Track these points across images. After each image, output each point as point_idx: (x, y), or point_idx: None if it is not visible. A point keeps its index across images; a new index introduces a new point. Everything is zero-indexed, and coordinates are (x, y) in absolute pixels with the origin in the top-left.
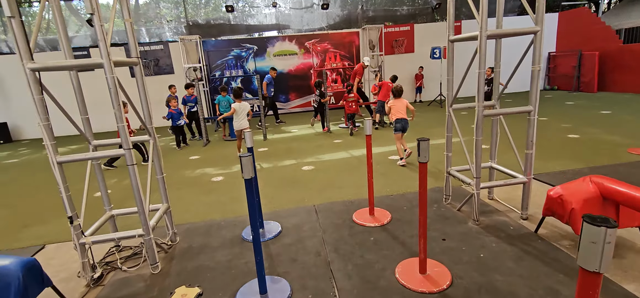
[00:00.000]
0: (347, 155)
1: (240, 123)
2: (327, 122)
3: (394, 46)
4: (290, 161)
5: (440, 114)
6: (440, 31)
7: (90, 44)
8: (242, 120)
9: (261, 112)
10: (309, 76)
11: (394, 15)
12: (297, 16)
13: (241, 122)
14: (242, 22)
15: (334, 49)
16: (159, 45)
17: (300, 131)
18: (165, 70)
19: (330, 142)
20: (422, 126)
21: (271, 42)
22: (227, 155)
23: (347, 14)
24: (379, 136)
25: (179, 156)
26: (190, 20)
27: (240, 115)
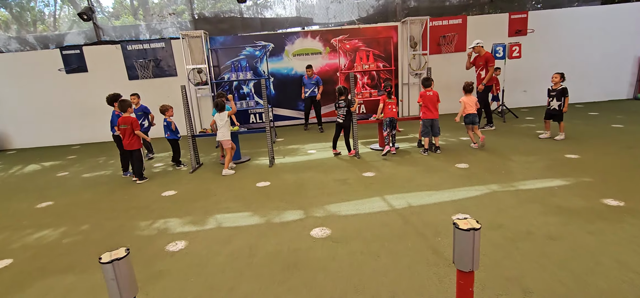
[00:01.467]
0: (385, 205)
1: (221, 133)
2: (354, 143)
3: (440, 44)
4: (294, 214)
5: (506, 134)
6: (500, 24)
7: (84, 41)
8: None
9: (267, 128)
10: (334, 80)
11: (441, 6)
12: (322, 8)
13: (221, 131)
14: (257, 15)
15: (366, 47)
16: (160, 42)
17: (320, 153)
18: (167, 71)
19: (358, 175)
20: (482, 168)
21: (290, 39)
22: (213, 192)
23: (383, 4)
24: (429, 169)
25: (149, 189)
26: (195, 13)
27: (218, 125)
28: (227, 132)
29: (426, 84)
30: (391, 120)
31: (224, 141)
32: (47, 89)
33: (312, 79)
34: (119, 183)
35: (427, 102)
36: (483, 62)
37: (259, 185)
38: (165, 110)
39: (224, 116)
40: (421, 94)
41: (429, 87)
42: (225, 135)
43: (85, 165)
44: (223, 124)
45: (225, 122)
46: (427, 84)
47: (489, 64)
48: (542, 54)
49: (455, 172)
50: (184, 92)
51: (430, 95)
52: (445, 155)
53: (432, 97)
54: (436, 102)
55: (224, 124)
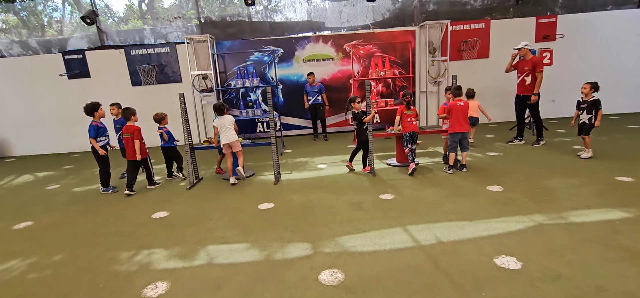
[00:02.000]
0: (408, 238)
1: (227, 136)
2: (369, 158)
3: (461, 50)
4: (300, 249)
5: (539, 149)
6: (526, 29)
7: (87, 46)
8: (226, 132)
9: (273, 141)
10: (347, 87)
11: (461, 10)
12: (335, 11)
13: (227, 135)
14: (266, 19)
15: (382, 52)
16: (165, 47)
17: (330, 168)
18: (172, 78)
19: (374, 197)
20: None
21: (301, 44)
22: (209, 215)
23: (399, 8)
24: (456, 191)
25: (139, 208)
26: (202, 16)
27: (223, 129)
28: (235, 133)
29: (456, 93)
30: (412, 135)
31: (234, 143)
32: (48, 94)
33: (315, 87)
34: (108, 200)
35: (458, 113)
36: (530, 67)
37: (261, 207)
38: (160, 119)
39: (227, 120)
40: (451, 105)
41: (460, 97)
42: (234, 136)
43: (79, 177)
44: (230, 126)
45: (231, 124)
46: (457, 93)
47: (536, 69)
48: (572, 60)
49: (487, 196)
50: (182, 100)
51: (462, 106)
52: (473, 174)
53: (464, 107)
54: (467, 113)
55: (230, 126)
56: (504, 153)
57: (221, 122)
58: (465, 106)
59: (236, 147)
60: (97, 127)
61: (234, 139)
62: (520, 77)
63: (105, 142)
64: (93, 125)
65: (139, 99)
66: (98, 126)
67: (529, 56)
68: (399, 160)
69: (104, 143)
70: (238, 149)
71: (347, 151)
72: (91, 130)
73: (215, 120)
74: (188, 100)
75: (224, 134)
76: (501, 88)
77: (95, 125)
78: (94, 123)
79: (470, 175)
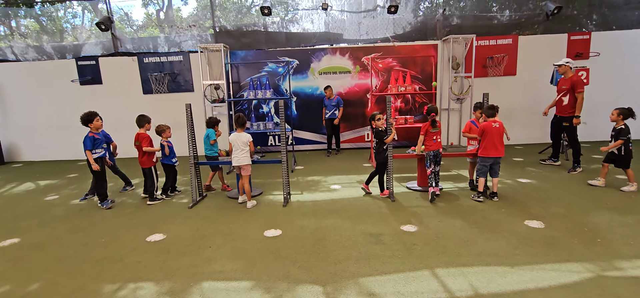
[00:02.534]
0: (438, 287)
1: (238, 158)
2: (388, 181)
3: (487, 66)
4: (311, 292)
5: (577, 177)
6: (557, 46)
7: (101, 52)
8: (238, 153)
9: (284, 158)
10: (364, 102)
11: (488, 24)
12: (354, 23)
13: (238, 155)
14: (282, 30)
15: (402, 66)
16: (178, 55)
17: (345, 189)
18: (184, 87)
19: (395, 228)
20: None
21: (317, 56)
22: (209, 241)
23: (421, 21)
24: (490, 226)
25: (135, 229)
26: (217, 26)
27: (236, 147)
28: (248, 156)
29: (490, 113)
30: (436, 155)
31: (245, 166)
32: (59, 100)
33: (333, 100)
34: (103, 216)
35: (493, 135)
36: (568, 86)
37: (267, 234)
38: (161, 131)
39: (243, 140)
40: (484, 126)
41: (494, 117)
42: (246, 158)
43: (81, 187)
44: (245, 147)
45: (246, 146)
46: (491, 113)
47: (576, 90)
48: (607, 81)
49: (527, 233)
50: (189, 111)
51: (497, 127)
52: (505, 204)
53: (499, 129)
54: (503, 136)
55: (245, 147)
56: (537, 180)
57: (236, 140)
58: (500, 128)
59: (246, 171)
60: (93, 138)
61: (245, 162)
62: (558, 97)
63: (100, 154)
64: (89, 136)
65: (150, 108)
66: (94, 137)
67: (569, 74)
68: (420, 184)
69: (100, 155)
70: (247, 172)
71: (362, 170)
72: (87, 141)
73: (232, 134)
74: (199, 111)
75: (235, 153)
76: (528, 107)
77: (92, 136)
78: (90, 134)
79: (503, 205)
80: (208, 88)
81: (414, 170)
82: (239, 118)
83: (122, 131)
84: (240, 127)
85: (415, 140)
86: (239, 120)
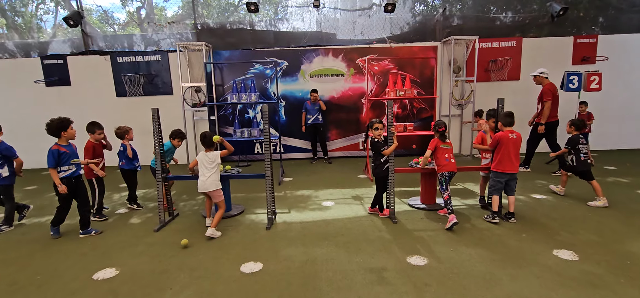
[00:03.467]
0: None
1: (203, 182)
2: (389, 200)
3: (489, 69)
4: None
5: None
6: (562, 49)
7: (71, 51)
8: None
9: (268, 171)
10: (359, 107)
11: (490, 26)
12: (348, 22)
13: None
14: (270, 28)
15: (399, 69)
16: (156, 55)
17: (339, 207)
18: (162, 89)
19: (400, 260)
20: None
21: (308, 57)
22: (172, 278)
23: (420, 21)
24: (511, 255)
25: (83, 260)
26: (198, 22)
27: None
28: (217, 178)
29: (508, 122)
30: (451, 176)
31: (212, 193)
32: (22, 103)
33: (316, 105)
34: (48, 244)
35: (509, 147)
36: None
37: (244, 269)
38: (124, 133)
39: (215, 157)
40: (500, 136)
41: (511, 126)
42: (214, 183)
43: (38, 203)
44: (212, 167)
45: (215, 165)
46: (508, 121)
47: (544, 98)
48: (614, 86)
49: (560, 268)
50: (156, 117)
51: (514, 138)
52: (524, 226)
53: (517, 141)
54: (519, 148)
55: (213, 167)
56: (553, 196)
57: (203, 160)
58: (518, 140)
59: (216, 198)
60: (57, 152)
61: (213, 187)
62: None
63: (70, 173)
64: (53, 149)
65: (124, 112)
66: (59, 151)
67: (544, 83)
68: (424, 201)
69: (69, 174)
70: (218, 199)
71: (357, 182)
72: (49, 157)
73: (199, 154)
74: (177, 115)
75: (202, 175)
76: (533, 114)
77: (56, 149)
78: (54, 147)
79: (522, 228)
80: (188, 90)
81: (416, 183)
82: (205, 138)
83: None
84: (207, 147)
85: (414, 150)
86: (205, 140)
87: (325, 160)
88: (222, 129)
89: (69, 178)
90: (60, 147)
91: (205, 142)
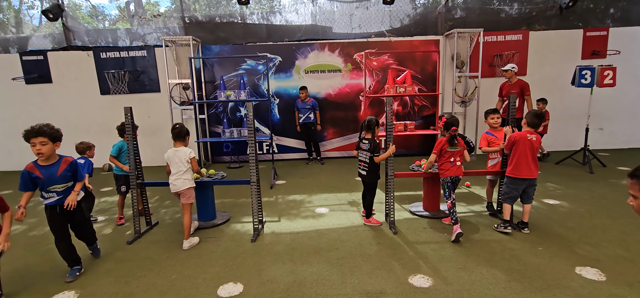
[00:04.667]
0: None
1: (173, 182)
2: (390, 208)
3: (494, 64)
4: None
5: (610, 196)
6: (572, 43)
7: (52, 46)
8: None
9: (254, 172)
10: (356, 105)
11: (495, 19)
12: (345, 14)
13: (176, 180)
14: (263, 22)
15: (399, 65)
16: (141, 50)
17: (333, 215)
18: (148, 86)
19: (401, 282)
20: None
21: (302, 52)
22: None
23: (421, 13)
24: (531, 275)
25: (41, 280)
26: (186, 16)
27: (173, 166)
28: (190, 177)
29: (534, 123)
30: (454, 181)
31: (183, 191)
32: (1, 101)
33: (307, 103)
34: (9, 258)
35: (527, 150)
36: (517, 90)
37: (222, 292)
38: (84, 150)
39: (184, 155)
40: (516, 137)
41: (536, 129)
42: (185, 183)
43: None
44: (183, 167)
45: (186, 163)
46: (536, 123)
47: (525, 93)
48: (626, 82)
49: (586, 292)
50: (129, 116)
51: (533, 140)
52: (539, 238)
53: (535, 143)
54: (537, 152)
55: (184, 166)
56: (567, 201)
57: (173, 157)
58: (538, 142)
59: (187, 199)
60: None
61: (183, 186)
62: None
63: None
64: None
65: (108, 110)
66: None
67: (514, 79)
68: (427, 208)
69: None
70: (189, 200)
71: (354, 186)
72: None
73: (169, 151)
74: (165, 115)
75: (172, 175)
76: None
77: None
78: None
79: (537, 239)
80: (175, 88)
81: (417, 187)
82: (178, 129)
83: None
84: (178, 140)
85: (415, 150)
86: (177, 131)
87: (317, 161)
88: (212, 128)
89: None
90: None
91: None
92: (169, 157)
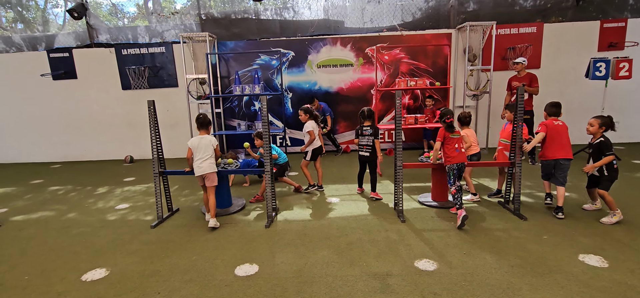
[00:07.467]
0: None
1: (200, 165)
2: (399, 198)
3: (507, 57)
4: None
5: (628, 190)
6: (588, 35)
7: (76, 44)
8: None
9: (267, 169)
10: (368, 98)
11: (509, 11)
12: (356, 9)
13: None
14: (276, 17)
15: (411, 59)
16: (160, 46)
17: (344, 204)
18: (167, 81)
19: (407, 265)
20: None
21: (315, 47)
22: (161, 280)
23: (433, 7)
24: (532, 262)
25: (73, 259)
26: (202, 13)
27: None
28: (214, 161)
29: (553, 112)
30: (460, 168)
31: (208, 175)
32: (30, 96)
33: (319, 111)
34: (44, 239)
35: (560, 135)
36: (528, 83)
37: (239, 271)
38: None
39: (209, 142)
40: (548, 124)
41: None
42: (211, 166)
43: (37, 199)
44: (208, 152)
45: (208, 147)
46: (554, 111)
47: (534, 85)
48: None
49: (587, 277)
50: (152, 109)
51: (561, 125)
52: (546, 227)
53: (564, 128)
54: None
55: (209, 151)
56: (575, 193)
57: (198, 144)
58: (565, 126)
59: (212, 181)
60: None
61: (209, 170)
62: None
63: None
64: None
65: (130, 105)
66: None
67: (523, 73)
68: (436, 198)
69: None
70: (212, 184)
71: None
72: None
73: (193, 138)
74: (182, 109)
75: (197, 161)
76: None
77: None
78: None
79: (543, 228)
80: (192, 83)
81: (427, 178)
82: (202, 119)
83: (102, 132)
84: (203, 128)
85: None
86: (201, 120)
87: (334, 152)
88: (228, 121)
89: None
90: None
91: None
92: (194, 144)
